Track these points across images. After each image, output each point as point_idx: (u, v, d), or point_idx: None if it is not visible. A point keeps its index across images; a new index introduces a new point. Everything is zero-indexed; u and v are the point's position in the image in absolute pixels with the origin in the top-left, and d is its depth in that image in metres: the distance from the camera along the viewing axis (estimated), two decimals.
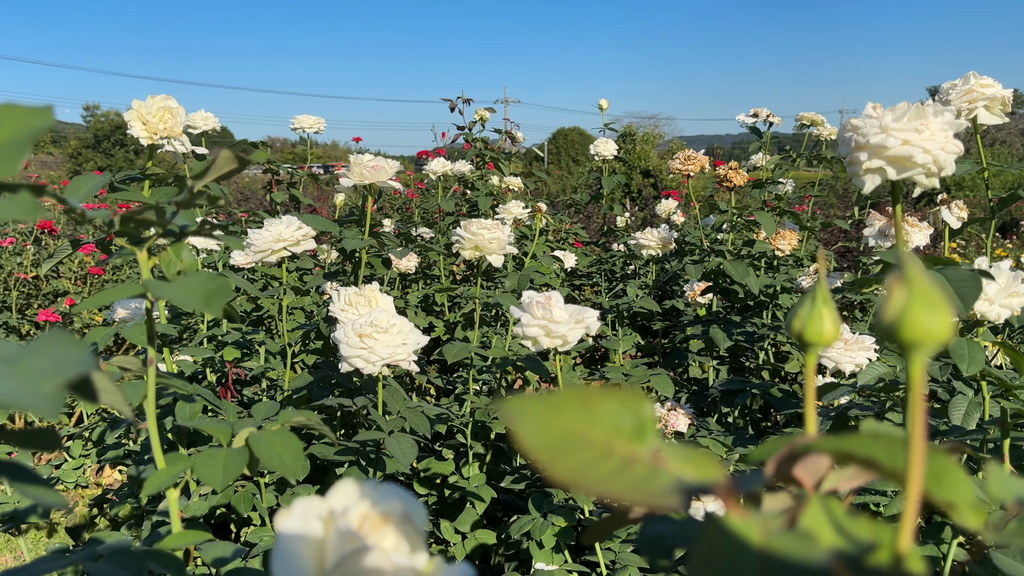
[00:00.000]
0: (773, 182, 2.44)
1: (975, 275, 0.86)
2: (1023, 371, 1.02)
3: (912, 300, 0.26)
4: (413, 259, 2.16)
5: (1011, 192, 1.44)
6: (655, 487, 0.25)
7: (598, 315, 1.17)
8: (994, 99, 1.25)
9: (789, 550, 0.24)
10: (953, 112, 0.90)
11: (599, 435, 0.27)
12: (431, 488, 1.77)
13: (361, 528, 0.40)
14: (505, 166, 2.69)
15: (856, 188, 0.93)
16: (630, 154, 11.81)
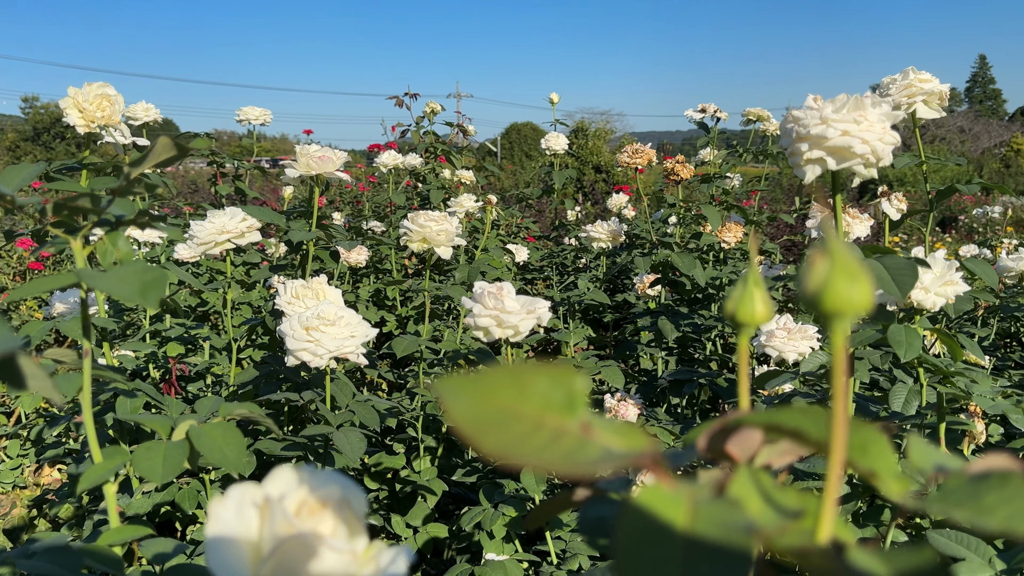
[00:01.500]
0: (720, 177, 2.48)
1: (911, 263, 0.88)
2: (958, 357, 1.05)
3: (834, 271, 0.26)
4: (363, 252, 2.14)
5: (948, 186, 1.47)
6: (583, 457, 0.26)
7: (549, 306, 1.17)
8: (932, 94, 1.28)
9: (715, 515, 0.25)
10: (891, 104, 0.92)
11: (531, 410, 0.27)
12: (382, 483, 1.76)
13: (298, 514, 0.40)
14: (456, 159, 2.68)
15: (798, 179, 0.94)
16: (582, 149, 11.87)
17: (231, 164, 2.54)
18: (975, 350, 1.43)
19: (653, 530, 0.24)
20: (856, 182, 0.93)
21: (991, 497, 0.28)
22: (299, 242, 1.33)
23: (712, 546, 0.24)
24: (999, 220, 4.38)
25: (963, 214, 7.93)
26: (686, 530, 0.24)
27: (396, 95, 2.62)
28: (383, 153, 2.65)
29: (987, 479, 0.28)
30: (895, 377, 1.41)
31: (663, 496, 0.25)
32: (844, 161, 0.90)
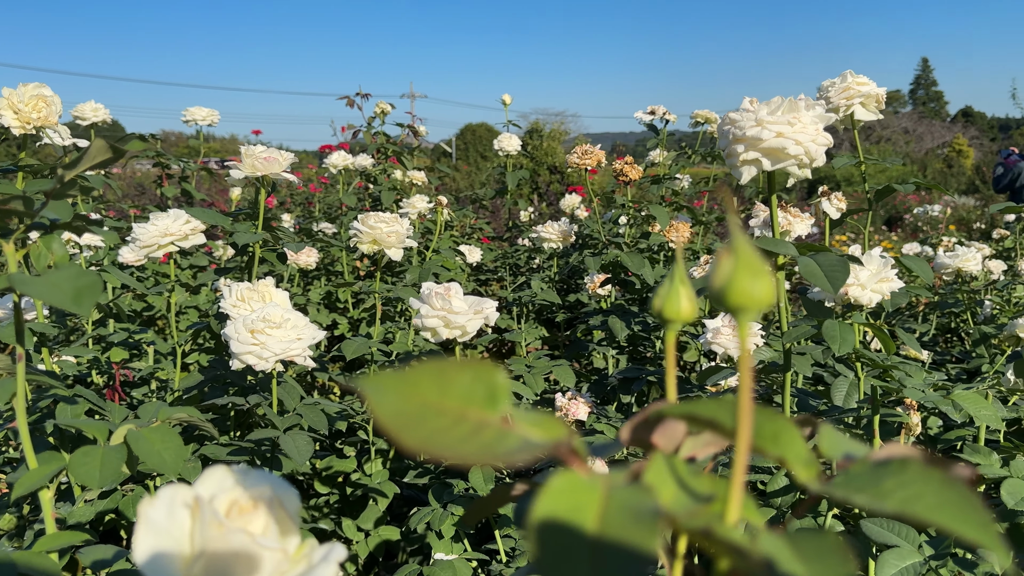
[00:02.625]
0: (670, 178, 2.51)
1: (843, 260, 0.91)
2: (890, 351, 1.08)
3: (737, 268, 0.27)
4: (313, 255, 2.12)
5: (885, 186, 1.51)
6: (502, 448, 0.26)
7: (496, 306, 1.18)
8: (869, 96, 1.31)
9: (626, 500, 0.26)
10: (823, 106, 0.95)
11: (453, 404, 0.28)
12: (333, 487, 1.75)
13: (229, 514, 0.40)
14: (408, 160, 2.68)
15: (735, 179, 0.97)
16: (537, 150, 11.92)
17: (178, 165, 2.50)
18: (913, 344, 1.48)
19: (566, 515, 0.25)
20: (791, 182, 0.95)
21: (890, 482, 0.29)
22: (245, 244, 1.32)
23: (622, 530, 0.25)
24: (940, 219, 4.53)
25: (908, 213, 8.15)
26: (599, 515, 0.25)
27: (347, 95, 2.61)
28: (333, 154, 2.64)
29: (888, 465, 0.30)
30: (837, 372, 1.45)
31: (577, 483, 0.26)
32: (779, 162, 0.92)
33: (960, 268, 2.09)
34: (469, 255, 2.67)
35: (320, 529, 1.68)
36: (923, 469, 0.29)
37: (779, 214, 1.45)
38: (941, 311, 2.45)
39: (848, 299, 1.14)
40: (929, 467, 0.29)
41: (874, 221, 6.64)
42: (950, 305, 2.32)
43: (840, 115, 1.32)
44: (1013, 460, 1.07)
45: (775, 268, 1.04)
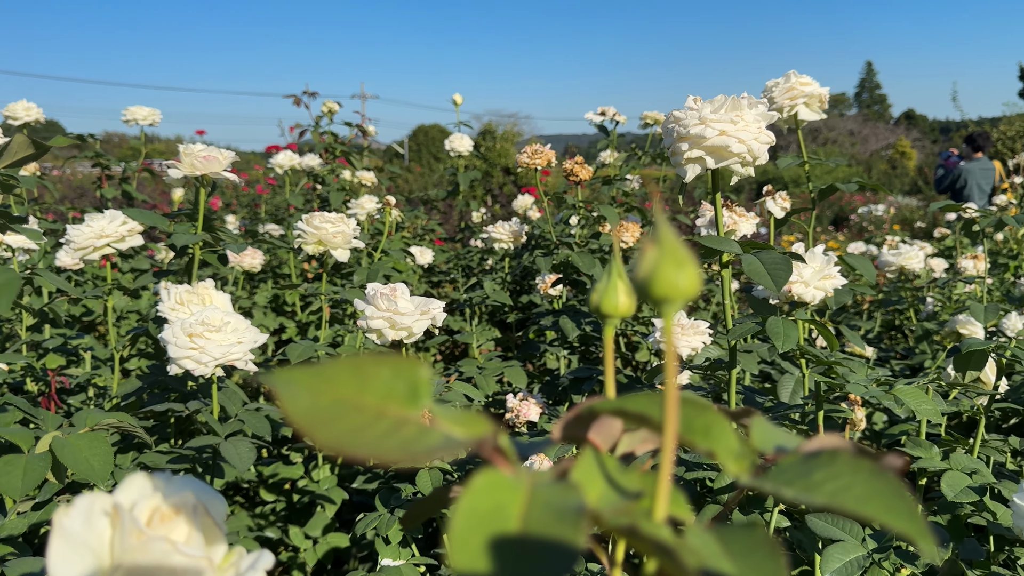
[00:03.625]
0: (621, 179, 2.52)
1: (786, 258, 0.92)
2: (834, 347, 1.10)
3: (662, 258, 0.27)
4: (258, 256, 2.08)
5: (828, 185, 1.53)
6: (423, 446, 0.25)
7: (444, 306, 1.17)
8: (812, 96, 1.33)
9: (550, 498, 0.25)
10: (766, 106, 0.95)
11: (371, 401, 0.26)
12: (279, 494, 1.72)
13: (150, 522, 0.38)
14: (357, 160, 2.64)
15: (680, 177, 0.97)
16: (490, 151, 11.90)
17: (118, 167, 2.44)
18: (857, 341, 1.50)
19: (487, 514, 0.24)
20: (735, 180, 0.96)
21: (820, 474, 0.29)
22: (184, 246, 1.28)
23: (545, 528, 0.24)
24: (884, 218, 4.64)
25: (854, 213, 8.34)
26: (521, 514, 0.24)
27: (294, 94, 2.56)
28: (279, 154, 2.59)
29: (818, 457, 0.30)
30: (784, 370, 1.46)
31: (501, 482, 0.25)
32: (722, 160, 0.93)
33: (903, 266, 2.14)
34: (420, 257, 2.65)
35: (266, 537, 1.65)
36: (852, 460, 0.29)
37: (725, 214, 1.46)
38: (885, 308, 2.50)
39: (792, 296, 1.15)
40: (859, 458, 0.29)
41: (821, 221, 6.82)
42: (894, 302, 2.37)
43: (784, 115, 1.33)
44: (953, 453, 1.09)
45: (720, 266, 1.05)
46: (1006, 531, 1.00)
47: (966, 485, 0.98)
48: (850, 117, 23.85)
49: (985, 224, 1.78)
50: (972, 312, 1.71)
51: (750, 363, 1.41)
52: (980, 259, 2.19)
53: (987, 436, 1.46)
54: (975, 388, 1.17)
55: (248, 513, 1.73)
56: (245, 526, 1.60)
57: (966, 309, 1.92)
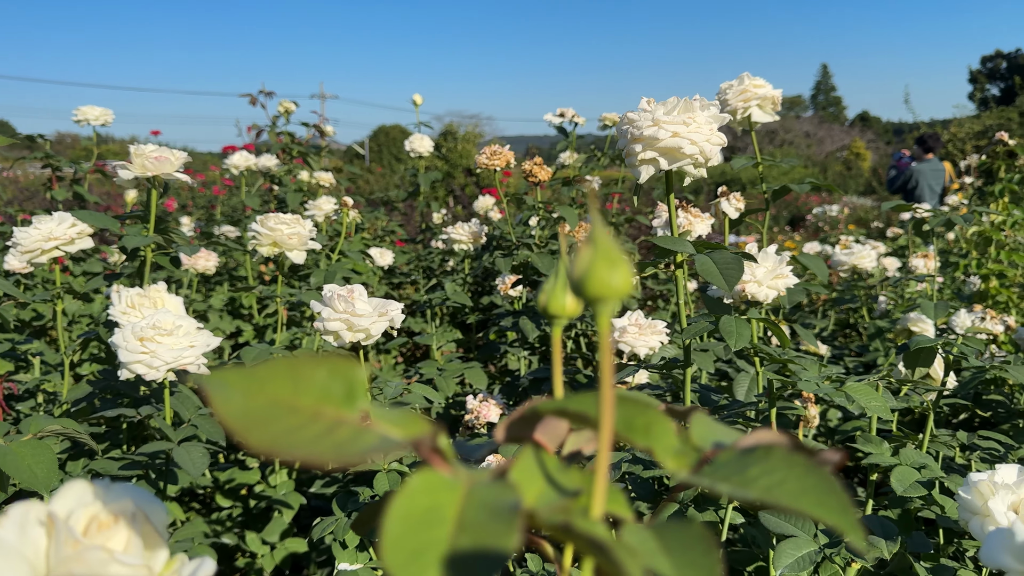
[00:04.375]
0: (580, 179, 2.53)
1: (738, 258, 0.93)
2: (786, 345, 1.12)
3: (595, 258, 0.27)
4: (212, 259, 2.05)
5: (782, 186, 1.56)
6: (358, 447, 0.25)
7: (402, 307, 1.16)
8: (765, 98, 1.34)
9: (486, 497, 0.25)
10: (718, 107, 0.96)
11: (307, 402, 0.26)
12: (236, 499, 1.70)
13: (87, 531, 0.37)
14: (315, 161, 2.62)
15: (634, 178, 0.98)
16: (452, 152, 11.87)
17: (70, 168, 2.38)
18: (810, 339, 1.53)
19: (422, 515, 0.24)
20: (688, 181, 0.97)
21: (755, 469, 0.29)
22: (135, 248, 1.26)
23: (479, 528, 0.24)
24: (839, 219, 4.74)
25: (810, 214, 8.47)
26: (456, 514, 0.24)
27: (250, 93, 2.53)
28: (234, 155, 2.55)
29: (754, 453, 0.30)
30: (740, 368, 1.48)
31: (437, 482, 0.25)
32: (675, 161, 0.93)
33: (855, 265, 2.18)
34: (380, 258, 2.63)
35: (222, 544, 1.62)
36: (787, 456, 0.29)
37: (681, 215, 1.47)
38: (839, 307, 2.55)
39: (746, 296, 1.17)
40: (793, 454, 0.29)
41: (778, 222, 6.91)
42: (847, 301, 2.41)
43: (739, 117, 1.35)
44: (903, 448, 1.11)
45: (675, 266, 1.06)
46: (954, 524, 1.03)
47: (915, 480, 1.00)
48: (806, 119, 24.25)
49: (935, 223, 1.82)
50: (923, 310, 1.75)
51: (706, 362, 1.43)
52: (930, 258, 2.24)
53: (937, 431, 1.50)
54: (924, 384, 1.20)
55: (204, 519, 1.70)
56: (201, 532, 1.57)
57: (917, 307, 1.96)
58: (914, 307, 2.18)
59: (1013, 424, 1.81)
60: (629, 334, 1.53)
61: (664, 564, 0.26)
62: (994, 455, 1.40)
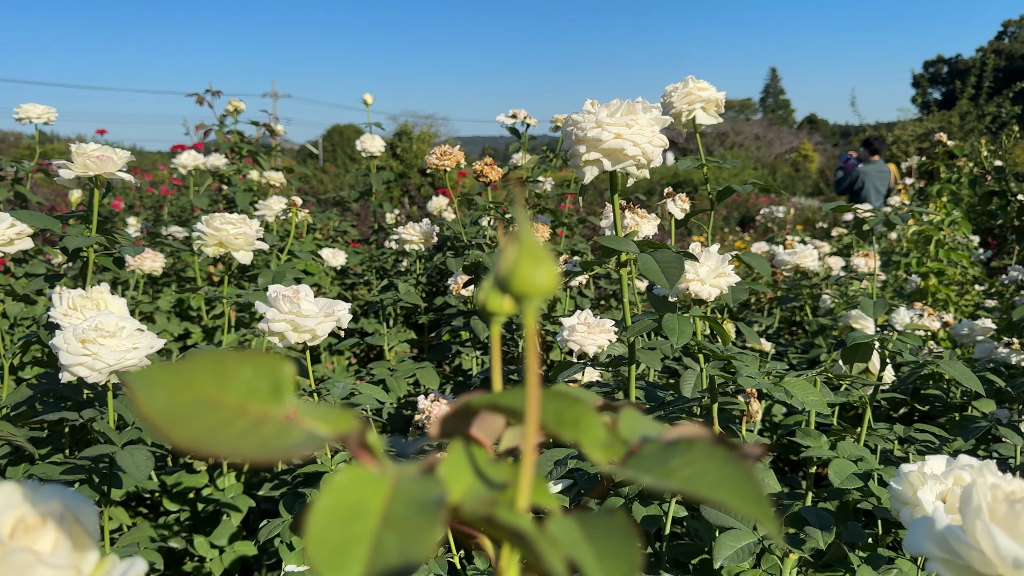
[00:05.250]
0: (533, 181, 2.55)
1: (679, 257, 0.95)
2: (727, 341, 1.14)
3: (520, 256, 0.28)
4: (159, 260, 2.02)
5: (726, 187, 1.58)
6: (283, 443, 0.26)
7: (349, 307, 1.16)
8: (709, 101, 1.36)
9: (412, 492, 0.25)
10: (660, 109, 0.98)
11: (232, 399, 0.26)
12: (183, 503, 1.67)
13: (13, 532, 0.37)
14: (265, 160, 2.59)
15: (578, 179, 0.99)
16: (407, 152, 11.82)
17: (11, 167, 2.32)
18: (753, 337, 1.56)
19: (347, 511, 0.24)
20: (631, 182, 0.98)
21: (676, 461, 0.30)
22: (77, 249, 1.23)
23: (404, 523, 0.24)
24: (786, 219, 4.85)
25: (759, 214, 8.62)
26: (382, 509, 0.25)
27: (196, 92, 2.49)
28: (182, 154, 2.51)
29: (676, 445, 0.31)
30: (688, 365, 1.51)
31: (363, 478, 0.26)
32: (619, 162, 0.95)
33: (798, 264, 2.23)
34: (332, 259, 2.61)
35: (170, 548, 1.60)
36: (708, 448, 0.30)
37: (628, 216, 1.49)
38: (784, 305, 2.60)
39: (690, 294, 1.19)
40: (714, 446, 0.30)
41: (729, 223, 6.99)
42: (792, 299, 2.47)
43: (684, 119, 1.37)
44: (841, 442, 1.14)
45: (619, 265, 1.08)
46: (891, 515, 1.06)
47: (852, 472, 1.03)
48: (756, 121, 24.67)
49: (874, 223, 1.87)
50: (863, 307, 1.80)
51: (653, 360, 1.45)
52: (871, 257, 2.30)
53: (876, 425, 1.54)
54: (861, 380, 1.24)
55: (151, 524, 1.67)
56: (147, 536, 1.55)
57: (858, 305, 2.01)
58: (855, 305, 2.24)
59: (950, 418, 1.88)
60: (578, 333, 1.54)
61: (586, 552, 0.27)
62: (930, 447, 1.45)
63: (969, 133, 9.17)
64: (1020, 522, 0.45)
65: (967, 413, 1.79)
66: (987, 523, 0.45)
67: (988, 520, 0.45)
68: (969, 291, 3.13)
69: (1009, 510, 0.46)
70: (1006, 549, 0.43)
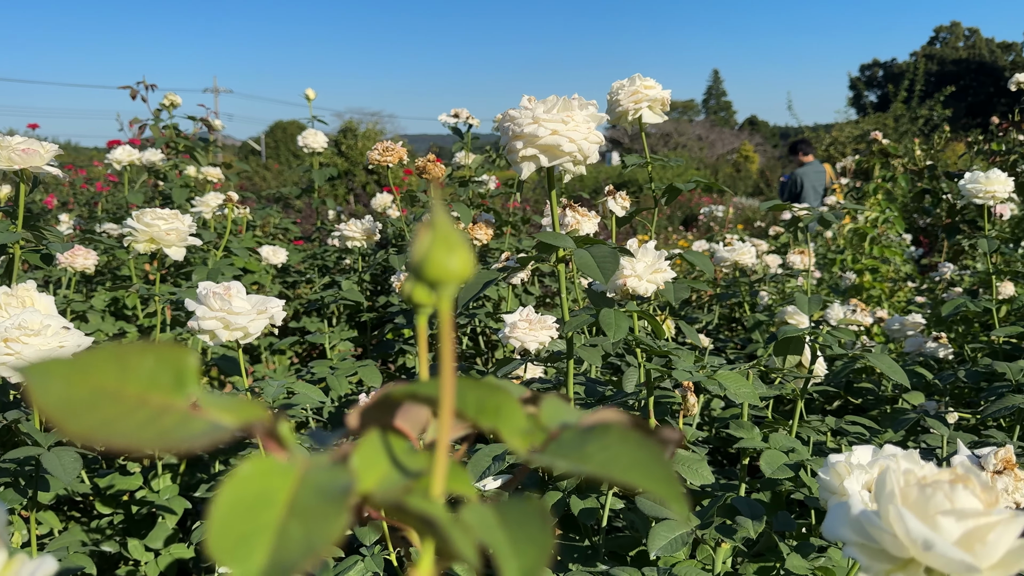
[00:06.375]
0: (476, 180, 2.55)
1: (614, 252, 0.96)
2: (661, 335, 1.16)
3: (434, 243, 0.28)
4: (91, 257, 1.95)
5: (669, 185, 1.60)
6: (184, 433, 0.25)
7: (283, 304, 1.14)
8: (655, 99, 1.37)
9: (319, 482, 0.25)
10: (596, 106, 0.99)
11: (133, 390, 0.26)
12: (117, 506, 1.63)
13: None
14: (202, 156, 2.53)
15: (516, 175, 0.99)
16: (352, 150, 11.70)
17: None
18: (691, 333, 1.58)
19: (253, 500, 0.24)
20: (567, 178, 0.99)
21: (593, 446, 0.30)
22: (1, 245, 1.19)
23: (309, 512, 0.24)
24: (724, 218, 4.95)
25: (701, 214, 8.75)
26: (288, 499, 0.24)
27: (129, 85, 2.41)
28: (116, 149, 2.44)
29: (593, 430, 0.31)
30: (630, 362, 1.52)
31: (270, 468, 0.25)
32: (555, 158, 0.95)
33: (737, 261, 2.28)
34: (273, 256, 2.57)
35: (103, 552, 1.55)
36: (623, 433, 0.31)
37: (569, 214, 1.50)
38: (723, 302, 2.65)
39: (628, 290, 1.20)
40: (628, 430, 0.31)
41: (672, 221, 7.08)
42: (730, 296, 2.52)
43: (630, 117, 1.38)
44: (774, 433, 1.17)
45: (557, 261, 1.08)
46: (820, 504, 1.09)
47: (783, 463, 1.06)
48: (699, 123, 25.04)
49: (809, 220, 1.92)
50: (797, 303, 1.84)
51: (594, 356, 1.46)
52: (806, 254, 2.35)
53: (810, 418, 1.58)
54: (793, 373, 1.26)
55: (83, 528, 1.63)
56: (78, 541, 1.50)
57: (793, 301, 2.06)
58: (791, 301, 2.30)
59: (881, 410, 1.94)
60: (519, 329, 1.54)
61: (500, 537, 0.27)
62: (861, 438, 1.49)
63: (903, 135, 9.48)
64: (930, 505, 0.46)
65: (897, 405, 1.85)
66: (899, 507, 0.46)
67: (900, 504, 0.47)
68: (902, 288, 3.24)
69: (920, 494, 0.47)
70: (916, 532, 0.44)
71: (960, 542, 0.45)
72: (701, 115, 38.30)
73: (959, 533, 0.45)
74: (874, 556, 0.49)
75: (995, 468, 0.95)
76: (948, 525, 0.45)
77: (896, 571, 0.49)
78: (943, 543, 0.44)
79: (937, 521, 0.45)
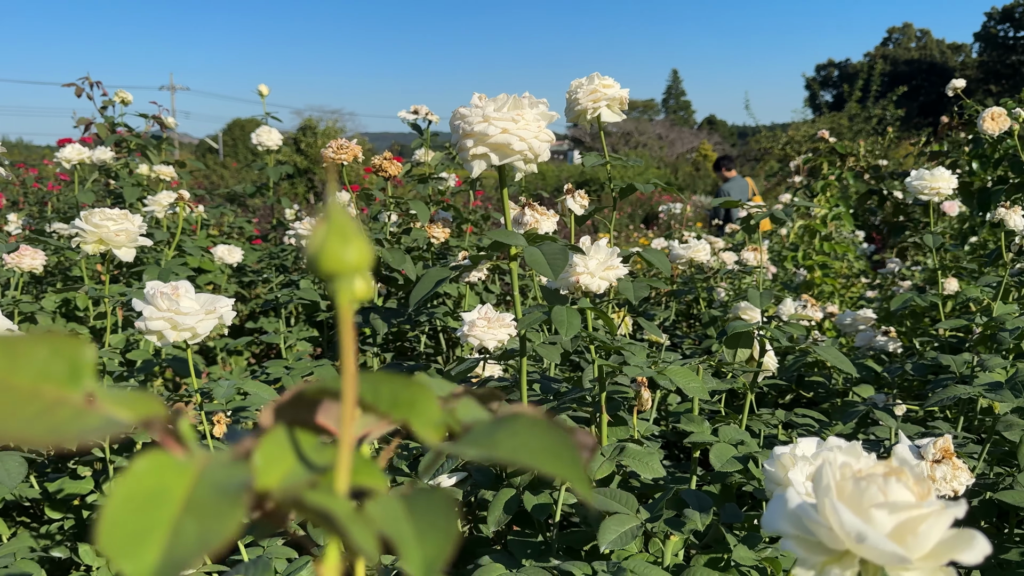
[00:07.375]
0: (436, 177, 2.54)
1: (564, 249, 0.96)
2: (614, 331, 1.16)
3: (329, 234, 0.27)
4: (39, 257, 1.91)
5: (628, 184, 1.61)
6: (78, 427, 0.25)
7: (232, 304, 1.13)
8: (614, 98, 1.37)
9: (219, 477, 0.25)
10: (546, 105, 0.99)
11: (23, 382, 0.25)
12: (67, 511, 1.60)
13: None
14: (154, 154, 2.48)
15: (467, 173, 0.99)
16: (312, 147, 11.59)
17: None
18: (653, 329, 1.60)
19: (148, 497, 0.24)
20: (518, 176, 0.99)
21: (502, 434, 0.30)
22: None
23: (205, 509, 0.24)
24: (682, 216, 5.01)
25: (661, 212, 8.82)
26: (185, 496, 0.24)
27: (74, 82, 2.36)
28: (65, 147, 2.39)
29: (503, 421, 0.32)
30: (589, 360, 1.53)
31: (167, 464, 0.25)
32: (506, 157, 0.95)
33: (692, 258, 2.30)
34: (228, 255, 2.53)
35: (54, 558, 1.52)
36: (531, 422, 0.31)
37: (528, 212, 1.50)
38: (680, 298, 2.67)
39: (580, 287, 1.21)
40: (536, 419, 0.31)
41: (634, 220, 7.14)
42: (687, 292, 2.54)
43: (589, 116, 1.37)
44: (723, 427, 1.18)
45: (509, 258, 1.08)
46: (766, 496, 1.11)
47: (732, 456, 1.07)
48: (659, 122, 25.23)
49: (759, 218, 1.94)
50: (750, 298, 1.87)
51: (552, 354, 1.47)
52: (759, 251, 2.38)
53: (761, 411, 1.60)
54: (744, 367, 1.28)
55: (32, 533, 1.59)
56: (26, 547, 1.47)
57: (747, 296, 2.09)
58: (745, 296, 2.32)
59: (832, 403, 1.97)
60: (478, 328, 1.54)
61: (406, 528, 0.27)
62: (811, 431, 1.51)
63: (858, 134, 9.65)
64: (864, 499, 0.47)
65: (848, 398, 1.88)
66: (834, 500, 0.47)
67: (835, 498, 0.47)
68: (855, 283, 3.30)
69: (855, 487, 0.48)
70: (850, 525, 0.45)
71: (892, 534, 0.46)
72: (661, 114, 38.62)
73: (892, 525, 0.46)
74: (811, 549, 0.49)
75: (934, 457, 0.97)
76: (881, 518, 0.46)
77: (832, 563, 0.50)
78: (875, 535, 0.44)
79: (871, 514, 0.46)
